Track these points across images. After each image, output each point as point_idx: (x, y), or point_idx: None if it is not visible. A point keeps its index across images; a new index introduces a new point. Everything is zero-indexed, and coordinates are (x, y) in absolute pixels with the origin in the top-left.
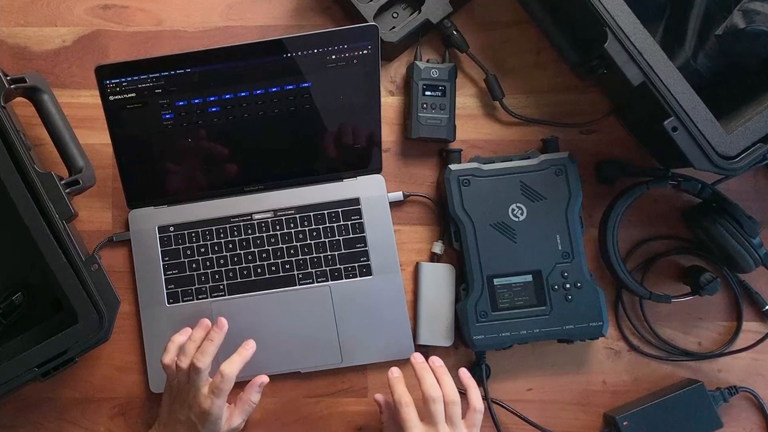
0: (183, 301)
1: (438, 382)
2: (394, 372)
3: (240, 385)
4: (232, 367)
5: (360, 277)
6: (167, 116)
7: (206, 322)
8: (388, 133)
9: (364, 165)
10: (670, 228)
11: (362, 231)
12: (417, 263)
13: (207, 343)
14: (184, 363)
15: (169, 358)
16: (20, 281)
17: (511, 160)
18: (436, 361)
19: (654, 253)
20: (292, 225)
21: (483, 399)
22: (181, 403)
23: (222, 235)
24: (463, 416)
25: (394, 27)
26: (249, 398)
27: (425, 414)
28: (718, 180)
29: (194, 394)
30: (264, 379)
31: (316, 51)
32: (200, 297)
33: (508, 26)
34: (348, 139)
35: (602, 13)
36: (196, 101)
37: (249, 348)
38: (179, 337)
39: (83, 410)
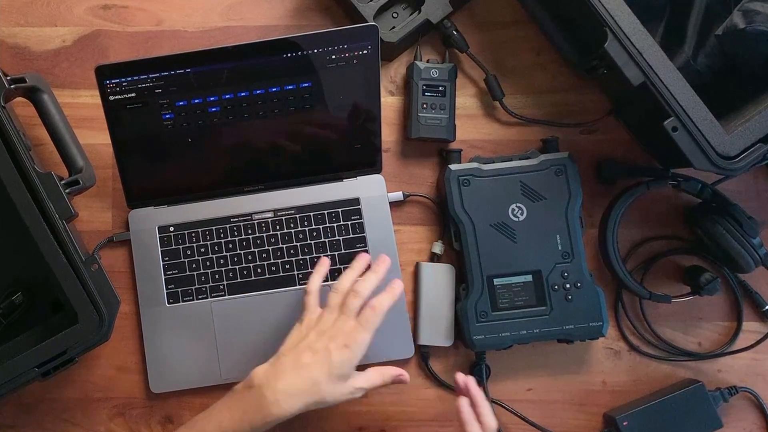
0: (183, 301)
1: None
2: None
3: None
4: (383, 302)
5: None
6: (167, 116)
7: (366, 256)
8: (388, 133)
9: (364, 165)
10: (670, 228)
11: (362, 231)
12: (417, 263)
13: (371, 273)
14: (343, 285)
15: (315, 284)
16: (20, 281)
17: (511, 160)
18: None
19: (654, 253)
20: (292, 225)
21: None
22: (319, 333)
23: (222, 235)
24: None
25: (394, 27)
26: (385, 371)
27: None
28: (718, 180)
29: (342, 324)
30: (405, 377)
31: (316, 51)
32: (200, 297)
33: (508, 26)
34: (348, 139)
35: (602, 13)
36: (196, 101)
37: (397, 287)
38: (323, 269)
39: (83, 410)
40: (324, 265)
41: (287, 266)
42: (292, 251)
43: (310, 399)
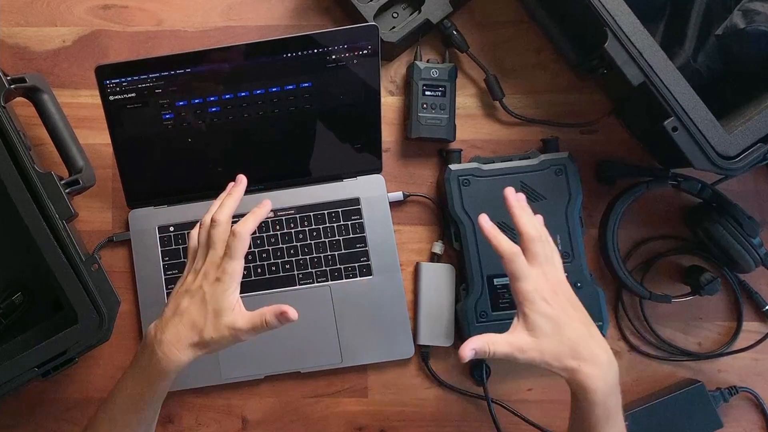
0: None
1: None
2: (486, 221)
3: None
4: (246, 225)
5: (360, 277)
6: (167, 116)
7: (231, 184)
8: (388, 133)
9: (364, 165)
10: (670, 228)
11: (362, 231)
12: (417, 263)
13: (227, 197)
14: (206, 219)
15: (195, 230)
16: (20, 281)
17: (511, 160)
18: (522, 199)
19: (654, 253)
20: (292, 225)
21: (486, 398)
22: (194, 273)
23: None
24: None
25: (394, 27)
26: (264, 313)
27: (529, 255)
28: (718, 180)
29: (211, 257)
30: (291, 313)
31: (316, 51)
32: None
33: (508, 26)
34: (348, 139)
35: (602, 13)
36: (196, 101)
37: (264, 207)
38: (207, 216)
39: (83, 410)
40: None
41: (287, 266)
42: (292, 251)
43: (194, 341)
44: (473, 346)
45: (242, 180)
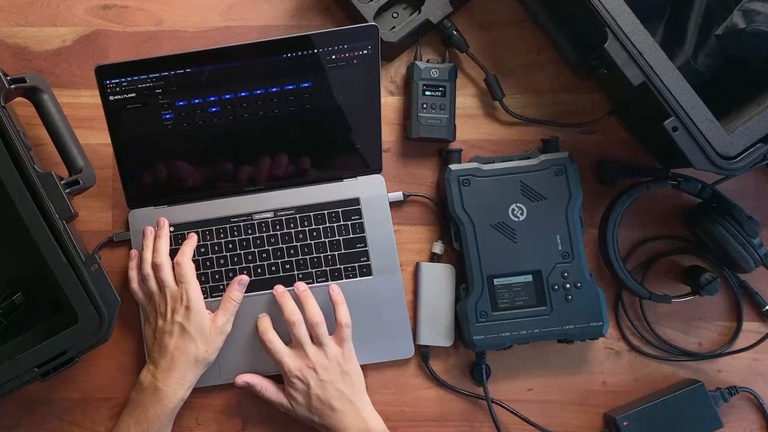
0: None
1: (302, 306)
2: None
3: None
4: (184, 255)
5: (360, 277)
6: (167, 116)
7: (149, 228)
8: (388, 133)
9: (364, 165)
10: (670, 228)
11: (362, 231)
12: (417, 263)
13: (156, 240)
14: (148, 268)
15: (135, 281)
16: (20, 281)
17: (511, 160)
18: (300, 286)
19: (654, 253)
20: (292, 225)
21: (486, 398)
22: (163, 317)
23: (222, 236)
24: (333, 333)
25: (394, 27)
26: (230, 296)
27: (292, 339)
28: (718, 180)
29: (170, 294)
30: (244, 278)
31: (316, 51)
32: None
33: (508, 26)
34: (348, 139)
35: (602, 13)
36: (196, 101)
37: (192, 238)
38: (133, 262)
39: (83, 410)
40: (133, 257)
41: (287, 266)
42: (292, 251)
43: (197, 369)
44: (250, 380)
45: (165, 223)
